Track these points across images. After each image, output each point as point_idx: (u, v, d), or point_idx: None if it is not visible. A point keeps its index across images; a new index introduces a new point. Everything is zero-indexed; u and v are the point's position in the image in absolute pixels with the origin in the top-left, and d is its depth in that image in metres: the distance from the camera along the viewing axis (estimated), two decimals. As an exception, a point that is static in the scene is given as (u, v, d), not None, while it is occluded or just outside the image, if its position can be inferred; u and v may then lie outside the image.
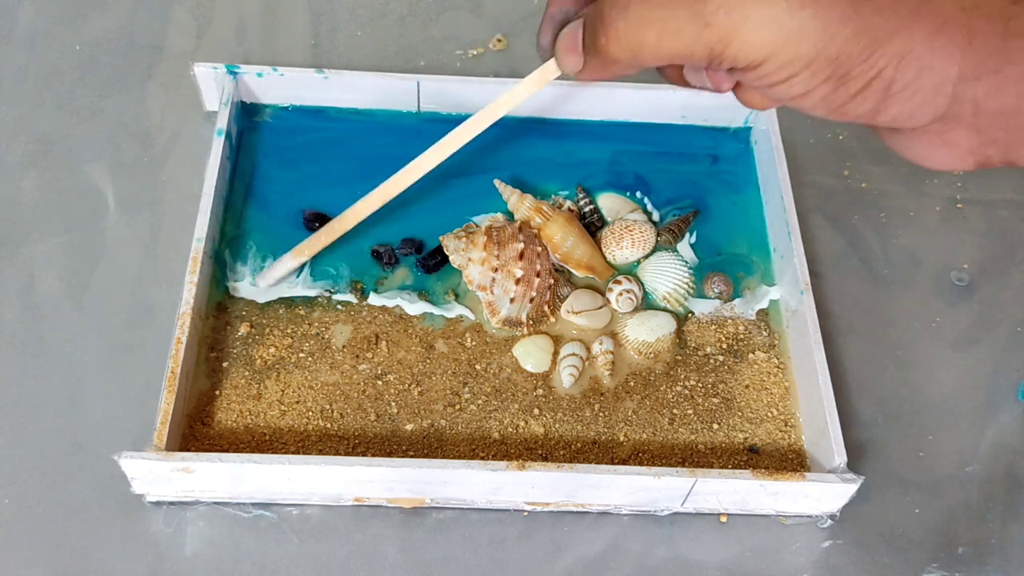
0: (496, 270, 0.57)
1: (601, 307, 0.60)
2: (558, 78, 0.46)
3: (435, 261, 0.60)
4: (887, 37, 0.33)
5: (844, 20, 0.33)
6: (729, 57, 0.35)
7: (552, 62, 0.43)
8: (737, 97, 0.42)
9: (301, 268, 0.59)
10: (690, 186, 0.66)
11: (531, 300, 0.58)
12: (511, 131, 0.67)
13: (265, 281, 0.58)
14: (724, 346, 0.59)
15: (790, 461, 0.55)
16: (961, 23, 0.33)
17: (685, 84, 0.42)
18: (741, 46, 0.34)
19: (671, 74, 0.42)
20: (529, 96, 0.49)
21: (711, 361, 0.58)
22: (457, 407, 0.55)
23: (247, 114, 0.66)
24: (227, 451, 0.52)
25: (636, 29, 0.36)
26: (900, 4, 0.33)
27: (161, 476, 0.49)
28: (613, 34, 0.37)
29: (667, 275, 0.61)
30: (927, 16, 0.33)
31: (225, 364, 0.56)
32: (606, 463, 0.54)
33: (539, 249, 0.59)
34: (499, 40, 0.74)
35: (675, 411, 0.56)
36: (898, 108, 0.35)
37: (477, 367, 0.57)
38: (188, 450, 0.52)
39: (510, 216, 0.62)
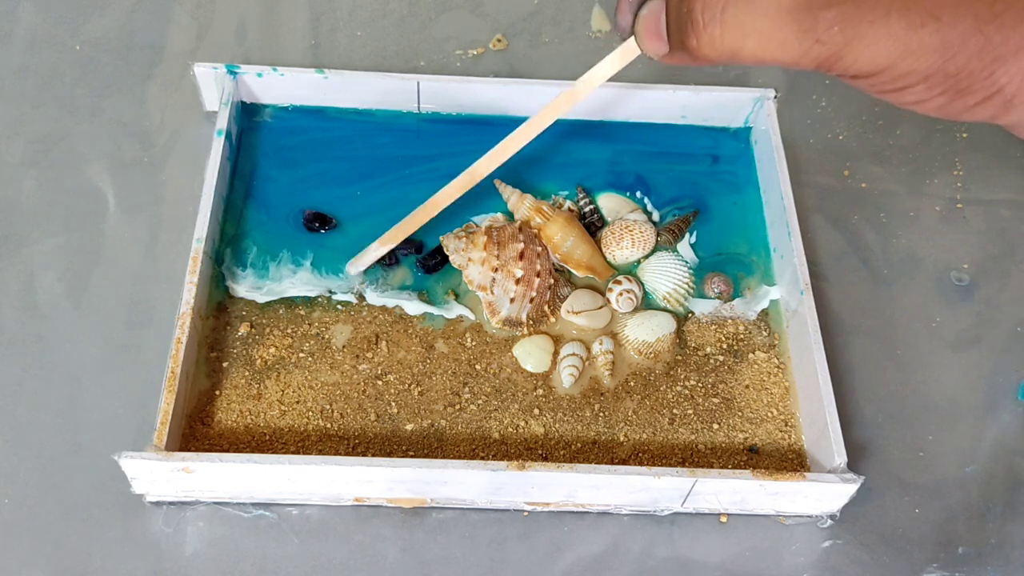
0: (496, 270, 0.57)
1: (601, 307, 0.60)
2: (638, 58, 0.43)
3: (435, 261, 0.60)
4: (1011, 55, 0.33)
5: (967, 39, 0.32)
6: (839, 68, 0.34)
7: (632, 42, 0.41)
8: None
9: (388, 255, 0.60)
10: (690, 186, 0.66)
11: (531, 300, 0.58)
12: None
13: (355, 268, 0.59)
14: (724, 346, 0.59)
15: (790, 461, 0.55)
16: None
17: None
18: (855, 60, 0.33)
19: None
20: (611, 76, 0.47)
21: (711, 361, 0.58)
22: (457, 407, 0.55)
23: (247, 114, 0.66)
24: (227, 451, 0.52)
25: (734, 37, 0.35)
26: None
27: (161, 476, 0.49)
28: (707, 39, 0.35)
29: (667, 275, 0.61)
30: None
31: (225, 364, 0.56)
32: (606, 463, 0.54)
33: (539, 249, 0.59)
34: (499, 40, 0.74)
35: (675, 411, 0.56)
36: (1018, 116, 0.34)
37: (477, 367, 0.57)
38: (188, 450, 0.52)
39: (510, 216, 0.62)
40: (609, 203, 0.64)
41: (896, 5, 0.32)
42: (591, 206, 0.64)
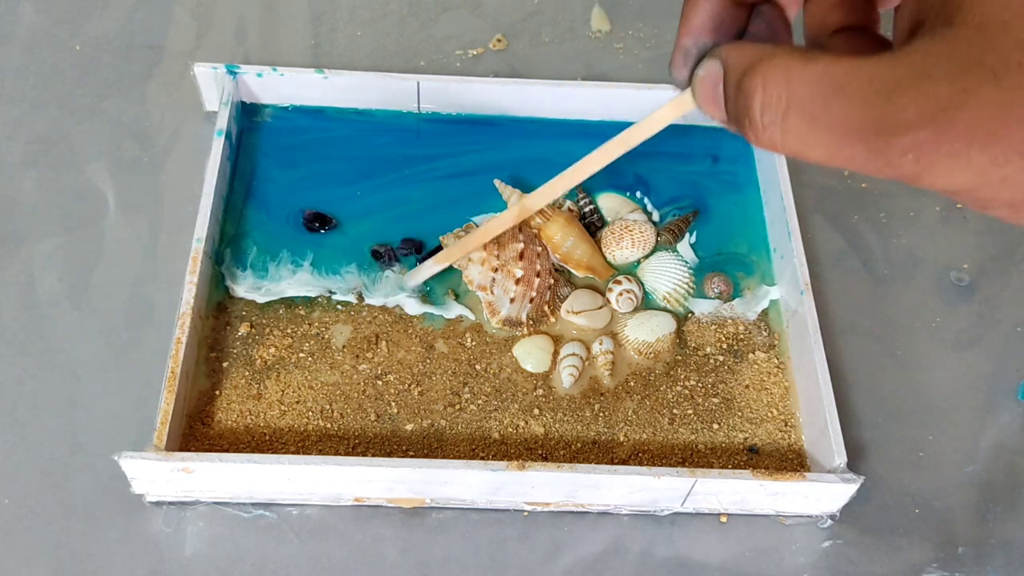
0: (496, 270, 0.57)
1: (601, 307, 0.60)
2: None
3: (435, 261, 0.60)
4: None
5: None
6: (916, 186, 0.32)
7: (688, 94, 0.39)
8: None
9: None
10: (690, 186, 0.66)
11: (531, 300, 0.58)
12: (510, 131, 0.67)
13: (412, 282, 0.59)
14: (724, 346, 0.59)
15: (790, 461, 0.55)
16: None
17: None
18: (931, 183, 0.31)
19: None
20: (664, 126, 0.45)
21: (711, 361, 0.58)
22: (457, 407, 0.55)
23: (247, 114, 0.66)
24: (227, 451, 0.52)
25: (797, 146, 0.32)
26: None
27: (161, 476, 0.49)
28: (767, 140, 0.33)
29: (667, 275, 0.61)
30: None
31: (225, 364, 0.55)
32: (606, 463, 0.54)
33: (539, 249, 0.59)
34: (499, 40, 0.74)
35: (675, 411, 0.56)
36: None
37: (477, 367, 0.57)
38: (188, 450, 0.52)
39: (510, 216, 0.62)
40: (609, 203, 0.64)
41: (979, 138, 0.29)
42: (591, 206, 0.64)
